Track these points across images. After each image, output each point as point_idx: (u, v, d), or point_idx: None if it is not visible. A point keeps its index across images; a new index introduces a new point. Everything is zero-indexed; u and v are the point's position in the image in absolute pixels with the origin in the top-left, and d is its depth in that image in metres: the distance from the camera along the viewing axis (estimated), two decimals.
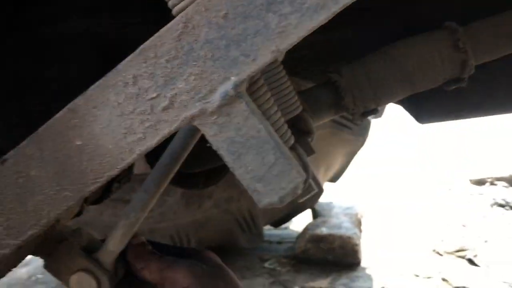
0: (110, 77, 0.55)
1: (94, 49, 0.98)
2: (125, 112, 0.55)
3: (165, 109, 0.55)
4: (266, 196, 0.56)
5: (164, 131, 0.56)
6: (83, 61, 0.97)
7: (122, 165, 0.58)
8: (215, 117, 0.54)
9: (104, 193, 1.06)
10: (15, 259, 0.73)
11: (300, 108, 0.81)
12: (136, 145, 0.56)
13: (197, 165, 1.04)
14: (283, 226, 3.67)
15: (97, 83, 0.55)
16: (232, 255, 3.40)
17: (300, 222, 3.71)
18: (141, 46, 0.53)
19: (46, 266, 0.80)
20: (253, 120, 0.54)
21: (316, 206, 3.38)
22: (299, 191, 0.58)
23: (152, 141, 0.56)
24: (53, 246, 0.79)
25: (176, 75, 0.53)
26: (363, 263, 3.10)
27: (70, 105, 0.56)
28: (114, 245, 0.79)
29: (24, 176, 0.59)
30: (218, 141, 0.55)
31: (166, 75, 0.54)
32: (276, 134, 0.57)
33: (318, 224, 3.13)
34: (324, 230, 3.05)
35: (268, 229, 3.38)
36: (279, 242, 3.54)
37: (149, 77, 0.54)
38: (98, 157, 0.57)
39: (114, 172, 0.58)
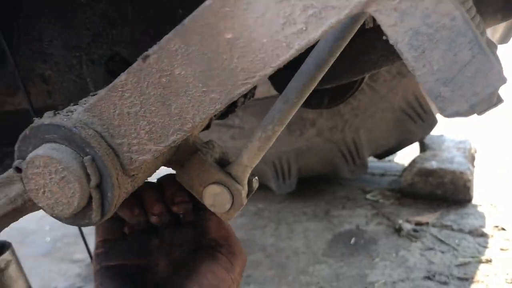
0: None
1: None
2: None
3: None
4: (454, 103, 0.46)
5: (330, 20, 0.46)
6: None
7: (277, 63, 0.49)
8: (397, 1, 0.44)
9: (229, 107, 1.01)
10: (151, 168, 0.70)
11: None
12: (295, 38, 0.48)
13: (328, 80, 0.94)
14: (387, 158, 3.52)
15: None
16: (333, 185, 3.36)
17: (405, 155, 3.54)
18: None
19: (178, 177, 0.77)
20: (447, 4, 0.43)
21: (425, 139, 3.18)
22: (495, 100, 0.46)
23: (314, 34, 0.47)
24: (186, 157, 0.75)
25: None
26: (474, 201, 2.91)
27: None
28: (249, 159, 0.73)
29: (168, 75, 0.54)
30: (398, 33, 0.45)
31: None
32: (473, 24, 0.45)
33: (427, 158, 2.95)
34: (434, 164, 2.87)
35: (371, 161, 3.26)
36: (382, 175, 3.41)
37: None
38: (250, 53, 0.50)
39: (267, 71, 0.50)
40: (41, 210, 0.73)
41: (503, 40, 2.83)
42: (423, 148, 3.20)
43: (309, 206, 3.12)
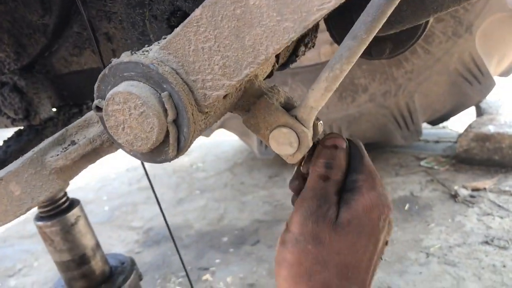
0: None
1: None
2: None
3: None
4: None
5: None
6: None
7: None
8: None
9: (290, 57, 1.01)
10: (221, 110, 0.71)
11: None
12: None
13: (392, 24, 0.92)
14: (441, 125, 3.43)
15: None
16: (385, 152, 3.31)
17: (460, 121, 3.43)
18: None
19: (245, 121, 0.78)
20: None
21: (482, 103, 3.06)
22: None
23: None
24: (251, 101, 0.77)
25: None
26: None
27: None
28: (315, 100, 0.73)
29: (243, 5, 0.54)
30: None
31: None
32: None
33: (484, 122, 2.85)
34: (491, 129, 2.77)
35: (424, 128, 3.19)
36: (436, 141, 3.33)
37: None
38: None
39: None
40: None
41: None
42: (479, 112, 3.09)
43: None
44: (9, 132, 1.28)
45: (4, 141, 1.25)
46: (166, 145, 0.63)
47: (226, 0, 0.55)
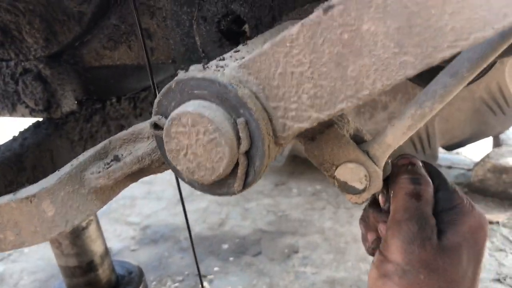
0: None
1: None
2: None
3: None
4: None
5: None
6: None
7: (503, 23, 0.40)
8: None
9: None
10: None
11: None
12: None
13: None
14: (454, 151, 3.35)
15: None
16: None
17: (474, 149, 3.36)
18: None
19: (307, 151, 0.69)
20: None
21: (502, 134, 2.99)
22: None
23: None
24: (318, 129, 0.68)
25: None
26: None
27: None
28: (394, 138, 0.65)
29: (353, 30, 0.45)
30: None
31: None
32: None
33: (503, 154, 2.77)
34: (510, 161, 2.69)
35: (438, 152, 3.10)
36: (449, 167, 3.25)
37: None
38: (468, 9, 0.41)
39: (487, 33, 0.41)
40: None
41: None
42: (497, 143, 3.02)
43: None
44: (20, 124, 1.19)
45: (20, 132, 1.15)
46: (232, 178, 0.54)
47: (333, 21, 0.46)
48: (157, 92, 0.87)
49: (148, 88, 1.35)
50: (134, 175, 0.62)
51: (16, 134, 1.16)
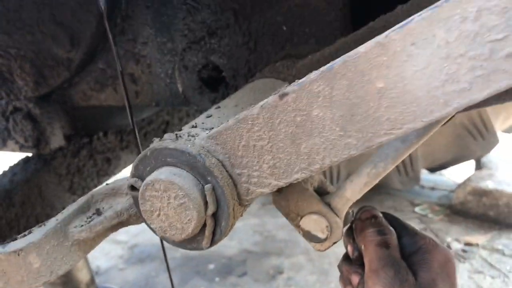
0: (444, 9, 0.43)
1: None
2: (452, 55, 0.44)
3: (509, 56, 0.42)
4: None
5: (500, 84, 0.43)
6: None
7: (430, 118, 0.47)
8: None
9: None
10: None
11: None
12: (455, 97, 0.45)
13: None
14: (438, 172, 3.43)
15: (421, 15, 0.44)
16: (380, 194, 3.30)
17: (457, 171, 3.44)
18: None
19: (275, 202, 0.76)
20: None
21: (483, 157, 3.07)
22: None
23: (478, 95, 0.44)
24: None
25: None
26: None
27: (380, 39, 0.46)
28: (353, 193, 0.71)
29: (304, 114, 0.52)
30: None
31: None
32: None
33: (483, 177, 2.85)
34: (489, 184, 2.77)
35: (421, 173, 3.18)
36: (432, 188, 3.33)
37: (499, 13, 0.41)
38: (401, 104, 0.47)
39: (417, 125, 0.48)
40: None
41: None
42: (479, 165, 3.10)
43: None
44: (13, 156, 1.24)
45: (10, 167, 1.20)
46: (201, 236, 0.60)
47: (287, 106, 0.52)
48: (137, 135, 0.93)
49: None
50: (114, 227, 0.68)
51: (6, 166, 1.21)
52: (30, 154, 1.25)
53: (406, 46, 0.45)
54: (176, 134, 0.60)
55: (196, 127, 0.63)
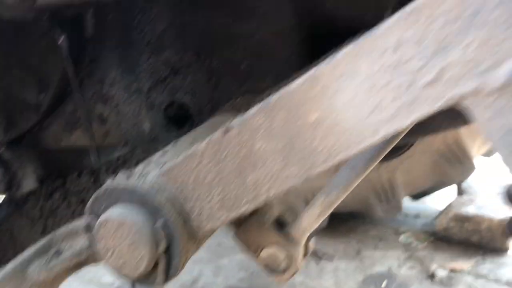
0: (366, 43, 0.46)
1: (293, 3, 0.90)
2: (377, 85, 0.46)
3: (428, 84, 0.45)
4: None
5: (421, 111, 0.46)
6: (279, 17, 0.89)
7: (361, 146, 0.49)
8: (494, 97, 0.43)
9: None
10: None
11: None
12: (383, 125, 0.48)
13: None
14: (421, 199, 3.45)
15: (347, 49, 0.47)
16: (365, 223, 3.30)
17: (440, 197, 3.46)
18: (414, 4, 0.43)
19: (235, 236, 0.77)
20: None
21: (463, 183, 3.11)
22: None
23: (403, 122, 0.47)
24: (244, 217, 0.75)
25: (451, 42, 0.43)
26: (511, 251, 2.81)
27: (312, 73, 0.49)
28: (309, 223, 0.73)
29: (248, 147, 0.54)
30: (491, 128, 0.44)
31: (439, 42, 0.43)
32: None
33: (464, 202, 2.87)
34: (471, 210, 2.79)
35: (404, 201, 3.20)
36: (416, 216, 3.34)
37: (416, 44, 0.44)
38: (334, 134, 0.50)
39: (350, 153, 0.50)
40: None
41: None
42: (460, 191, 3.13)
43: (340, 244, 3.06)
44: None
45: None
46: (156, 272, 0.61)
47: (232, 140, 0.55)
48: (100, 176, 0.95)
49: (108, 162, 1.41)
50: (74, 267, 0.69)
51: None
52: (1, 198, 1.25)
53: (335, 79, 0.48)
54: (129, 172, 0.62)
55: (151, 163, 0.65)
